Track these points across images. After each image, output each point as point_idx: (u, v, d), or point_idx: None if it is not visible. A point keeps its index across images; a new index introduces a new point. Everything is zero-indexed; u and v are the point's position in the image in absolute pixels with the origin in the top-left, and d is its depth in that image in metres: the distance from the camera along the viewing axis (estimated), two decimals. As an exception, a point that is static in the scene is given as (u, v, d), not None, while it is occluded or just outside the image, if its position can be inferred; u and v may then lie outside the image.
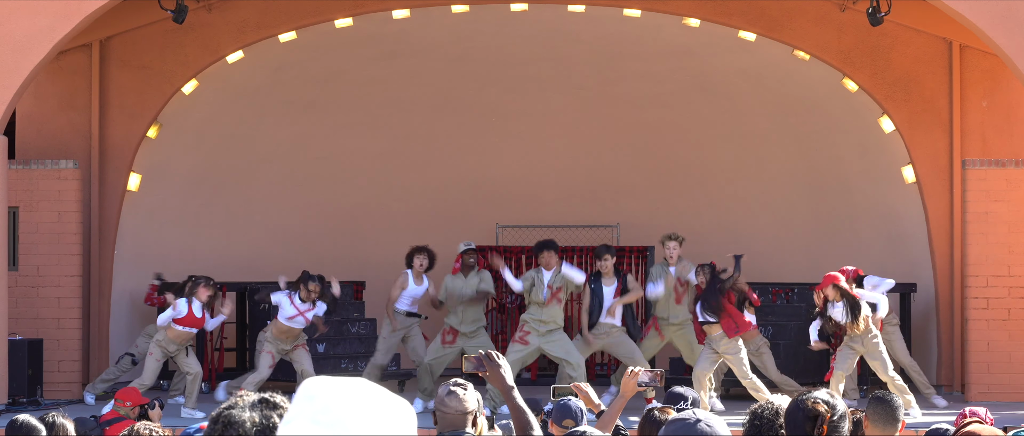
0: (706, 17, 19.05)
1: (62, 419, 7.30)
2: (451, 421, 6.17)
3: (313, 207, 21.14)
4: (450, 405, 6.18)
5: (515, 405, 5.85)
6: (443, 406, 6.19)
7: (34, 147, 19.02)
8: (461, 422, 6.16)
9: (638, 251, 20.48)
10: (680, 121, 20.87)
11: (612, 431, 7.50)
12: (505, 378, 5.88)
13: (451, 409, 6.17)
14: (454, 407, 6.17)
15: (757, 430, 4.81)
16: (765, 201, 20.97)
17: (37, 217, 18.20)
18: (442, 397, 6.22)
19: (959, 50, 19.02)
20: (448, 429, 6.17)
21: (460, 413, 6.17)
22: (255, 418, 3.27)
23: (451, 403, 6.18)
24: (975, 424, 8.47)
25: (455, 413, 6.17)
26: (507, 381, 5.88)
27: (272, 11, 19.07)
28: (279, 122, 20.60)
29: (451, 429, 6.16)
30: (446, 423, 6.18)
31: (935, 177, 19.10)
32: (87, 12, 16.48)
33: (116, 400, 12.80)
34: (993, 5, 16.34)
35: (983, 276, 17.89)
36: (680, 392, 8.06)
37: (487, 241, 20.88)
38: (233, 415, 3.28)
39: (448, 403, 6.19)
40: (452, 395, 6.20)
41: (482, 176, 21.40)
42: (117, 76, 19.20)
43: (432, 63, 20.46)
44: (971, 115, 19.10)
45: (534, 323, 16.47)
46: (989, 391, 17.60)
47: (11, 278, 17.65)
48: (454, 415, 6.17)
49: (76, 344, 18.43)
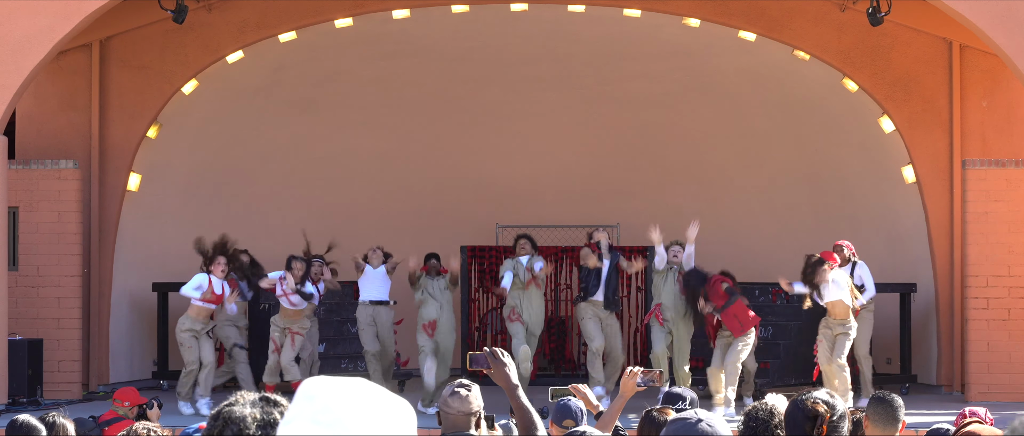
0: (706, 17, 19.05)
1: (62, 419, 7.30)
2: (454, 422, 6.16)
3: (313, 207, 21.13)
4: (454, 406, 6.17)
5: (519, 403, 5.82)
6: (447, 407, 6.18)
7: (34, 147, 19.02)
8: (465, 423, 6.15)
9: (638, 251, 20.47)
10: (680, 121, 20.87)
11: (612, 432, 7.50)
12: (510, 376, 5.84)
13: (455, 410, 6.16)
14: (458, 408, 6.16)
15: (752, 431, 4.80)
16: (765, 201, 20.97)
17: (37, 217, 18.20)
18: (446, 398, 6.21)
19: (959, 50, 19.02)
20: (451, 430, 6.16)
21: (464, 414, 6.15)
22: (256, 414, 3.27)
23: (455, 404, 6.17)
24: (975, 424, 8.47)
25: (459, 414, 6.15)
26: (512, 379, 5.84)
27: (272, 11, 19.07)
28: (279, 122, 20.60)
29: (454, 430, 6.15)
30: (450, 424, 6.17)
31: (935, 177, 19.10)
32: (87, 12, 16.48)
33: (114, 400, 12.78)
34: (993, 5, 16.34)
35: (983, 276, 17.89)
36: (678, 392, 8.04)
37: (487, 241, 20.88)
38: (234, 412, 3.28)
39: (452, 404, 6.18)
40: (456, 396, 6.18)
41: (482, 176, 21.40)
42: (117, 76, 19.20)
43: (432, 63, 20.46)
44: (971, 115, 19.10)
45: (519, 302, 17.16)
46: (989, 391, 17.59)
47: (11, 278, 17.65)
48: (458, 416, 6.15)
49: (76, 344, 18.43)
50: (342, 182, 21.20)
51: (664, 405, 7.29)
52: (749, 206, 21.01)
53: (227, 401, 3.34)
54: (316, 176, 21.08)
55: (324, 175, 21.10)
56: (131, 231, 19.44)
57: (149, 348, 19.75)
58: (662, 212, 21.13)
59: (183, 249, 20.14)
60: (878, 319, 18.66)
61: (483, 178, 21.39)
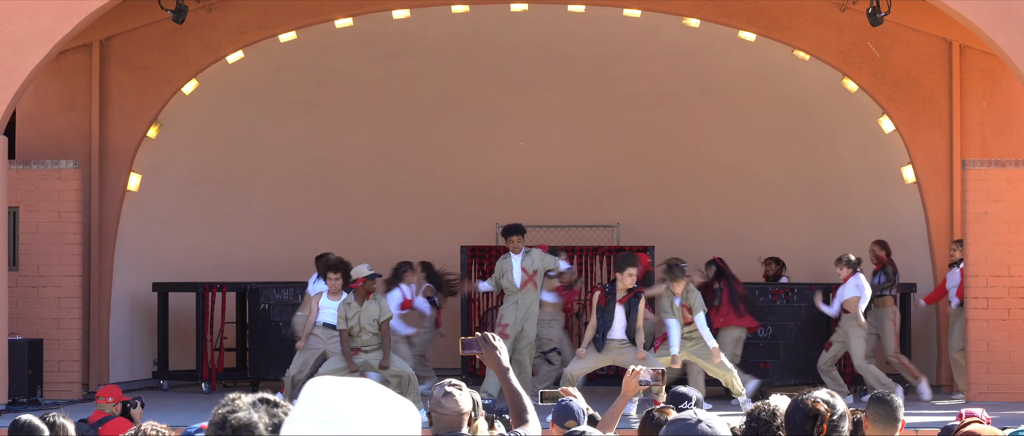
0: (706, 17, 19.05)
1: (63, 419, 7.32)
2: (447, 422, 6.18)
3: (313, 207, 21.14)
4: (446, 406, 6.19)
5: (510, 386, 5.91)
6: (439, 407, 6.20)
7: (34, 147, 19.02)
8: (457, 423, 6.18)
9: (638, 250, 20.47)
10: (680, 121, 20.87)
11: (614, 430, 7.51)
12: (500, 359, 5.93)
13: (447, 410, 6.19)
14: (450, 408, 6.18)
15: (754, 431, 4.81)
16: (765, 201, 20.98)
17: (37, 217, 18.20)
18: (438, 398, 6.24)
19: (959, 50, 19.02)
20: (444, 430, 6.19)
21: (456, 414, 6.18)
22: (265, 419, 3.26)
23: (447, 404, 6.19)
24: (975, 424, 8.49)
25: (451, 414, 6.18)
26: (502, 362, 5.92)
27: (272, 11, 19.07)
28: (279, 122, 20.61)
29: (447, 430, 6.18)
30: (442, 424, 6.19)
31: (935, 177, 19.11)
32: (87, 12, 16.48)
33: (98, 398, 12.71)
34: (993, 5, 16.35)
35: (983, 276, 17.89)
36: (683, 392, 8.04)
37: (487, 241, 20.89)
38: (240, 418, 3.26)
39: (444, 404, 6.20)
40: (448, 396, 6.21)
41: (482, 176, 21.40)
42: (117, 76, 19.20)
43: (432, 63, 20.47)
44: (971, 115, 19.11)
45: (511, 310, 16.51)
46: (989, 391, 17.59)
47: (11, 278, 17.64)
48: (450, 416, 6.18)
49: (76, 344, 18.43)
50: (342, 182, 21.20)
51: (668, 405, 7.30)
52: (749, 206, 21.01)
53: (225, 405, 3.32)
54: (316, 176, 21.08)
55: (324, 175, 21.10)
56: (131, 231, 19.45)
57: (149, 348, 19.75)
58: (662, 212, 21.15)
59: (183, 249, 20.17)
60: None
61: (483, 178, 21.39)
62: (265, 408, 3.28)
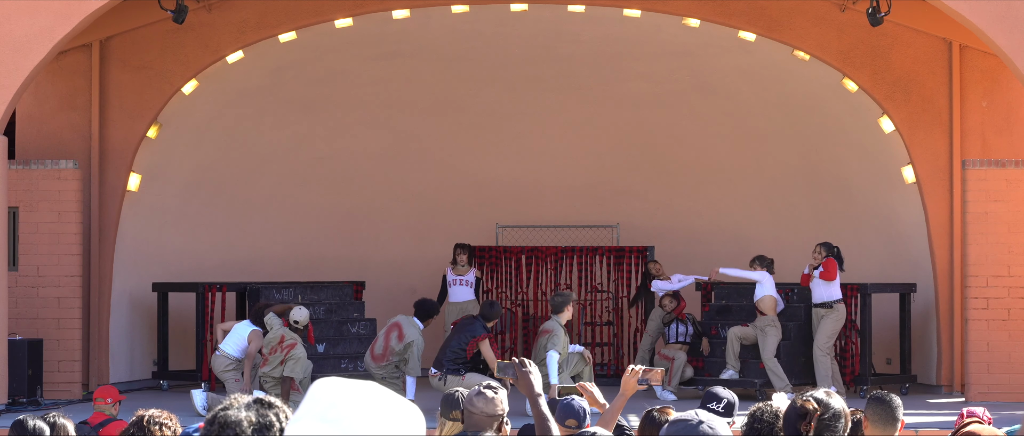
0: (706, 17, 19.05)
1: (63, 419, 7.32)
2: (477, 422, 6.17)
3: (313, 207, 21.14)
4: (478, 406, 6.18)
5: (539, 411, 5.99)
6: (471, 406, 6.21)
7: (34, 147, 19.02)
8: (487, 424, 6.17)
9: (638, 251, 20.49)
10: (680, 121, 20.88)
11: (614, 430, 7.51)
12: (533, 385, 6.03)
13: (479, 410, 6.18)
14: (482, 409, 6.18)
15: (756, 432, 4.82)
16: (765, 201, 20.98)
17: (37, 217, 18.20)
18: (471, 397, 6.25)
19: (959, 50, 19.02)
20: (472, 430, 6.18)
21: (487, 415, 6.18)
22: (251, 418, 3.29)
23: (479, 404, 6.18)
24: (975, 424, 8.49)
25: (482, 415, 6.17)
26: (535, 388, 6.01)
27: (272, 11, 19.07)
28: (279, 122, 20.61)
29: (475, 430, 6.17)
30: (472, 423, 6.19)
31: (935, 177, 19.11)
32: (87, 12, 16.48)
33: (95, 400, 12.66)
34: (993, 5, 16.35)
35: (983, 276, 17.90)
36: (716, 392, 7.88)
37: (487, 241, 20.90)
38: (229, 416, 3.31)
39: (476, 403, 6.19)
40: (482, 396, 6.20)
41: (482, 176, 21.41)
42: (117, 76, 19.20)
43: (432, 63, 20.47)
44: (971, 115, 19.11)
45: None
46: (989, 391, 17.61)
47: (11, 278, 17.65)
48: (481, 417, 6.17)
49: (76, 344, 18.43)
50: (342, 182, 21.20)
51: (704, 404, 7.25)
52: (749, 206, 21.02)
53: (222, 405, 3.38)
54: (316, 176, 21.08)
55: (324, 175, 21.11)
56: (131, 231, 19.45)
57: (149, 348, 19.75)
58: (662, 212, 21.16)
59: (183, 249, 20.17)
60: (878, 318, 18.70)
61: (483, 178, 21.40)
62: (257, 409, 3.32)
